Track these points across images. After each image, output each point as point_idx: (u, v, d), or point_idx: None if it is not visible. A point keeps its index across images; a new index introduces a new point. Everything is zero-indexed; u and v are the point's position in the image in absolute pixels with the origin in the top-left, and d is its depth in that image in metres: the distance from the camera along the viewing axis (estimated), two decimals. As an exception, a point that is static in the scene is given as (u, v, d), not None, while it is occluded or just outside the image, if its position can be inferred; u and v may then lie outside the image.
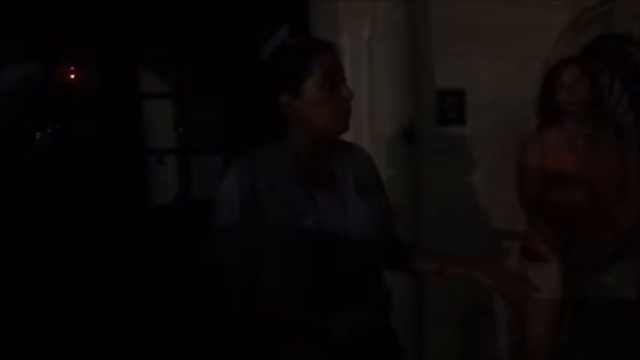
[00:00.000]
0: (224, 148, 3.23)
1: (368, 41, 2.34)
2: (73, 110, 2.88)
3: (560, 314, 2.15)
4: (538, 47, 2.61)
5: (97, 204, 2.76)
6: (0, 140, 3.06)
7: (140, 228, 2.87)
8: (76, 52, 2.87)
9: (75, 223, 2.73)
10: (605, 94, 2.63)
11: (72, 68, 2.98)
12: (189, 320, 2.85)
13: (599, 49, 2.94)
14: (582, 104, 2.11)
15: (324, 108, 1.16)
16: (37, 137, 3.23)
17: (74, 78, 2.98)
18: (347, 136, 2.43)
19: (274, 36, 2.71)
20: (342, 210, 1.19)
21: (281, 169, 1.19)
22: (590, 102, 2.11)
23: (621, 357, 2.07)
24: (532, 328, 2.20)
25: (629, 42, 2.99)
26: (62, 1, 2.62)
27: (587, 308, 2.10)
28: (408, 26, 2.28)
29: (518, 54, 2.52)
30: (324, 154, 1.25)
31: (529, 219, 2.24)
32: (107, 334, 2.66)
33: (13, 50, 2.71)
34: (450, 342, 2.47)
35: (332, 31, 2.33)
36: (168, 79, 3.45)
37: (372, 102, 2.36)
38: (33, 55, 2.82)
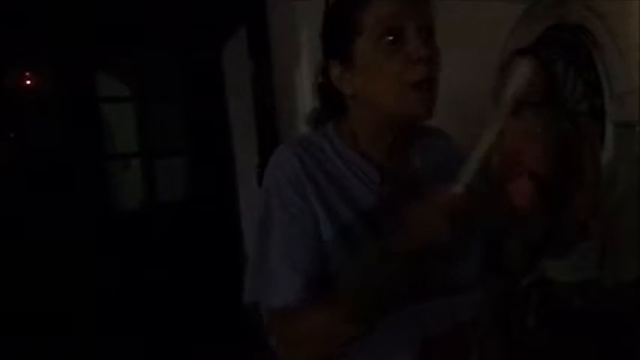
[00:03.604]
0: (187, 150, 3.21)
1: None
2: (30, 117, 2.81)
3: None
4: (494, 38, 2.66)
5: (62, 211, 2.70)
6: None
7: (108, 234, 2.82)
8: (31, 56, 2.80)
9: (40, 231, 2.67)
10: (560, 83, 2.70)
11: (27, 73, 2.90)
12: (160, 326, 2.83)
13: (553, 39, 3.01)
14: (538, 94, 2.15)
15: (380, 77, 0.78)
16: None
17: (30, 83, 2.90)
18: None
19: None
20: None
21: (340, 160, 0.84)
22: (545, 92, 2.16)
23: (584, 336, 2.13)
24: None
25: (582, 32, 3.06)
26: (18, 4, 2.56)
27: (549, 291, 2.16)
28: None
29: (474, 45, 2.56)
30: (398, 143, 0.88)
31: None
32: (82, 339, 2.61)
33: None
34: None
35: (290, 27, 2.33)
36: (128, 83, 3.40)
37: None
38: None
